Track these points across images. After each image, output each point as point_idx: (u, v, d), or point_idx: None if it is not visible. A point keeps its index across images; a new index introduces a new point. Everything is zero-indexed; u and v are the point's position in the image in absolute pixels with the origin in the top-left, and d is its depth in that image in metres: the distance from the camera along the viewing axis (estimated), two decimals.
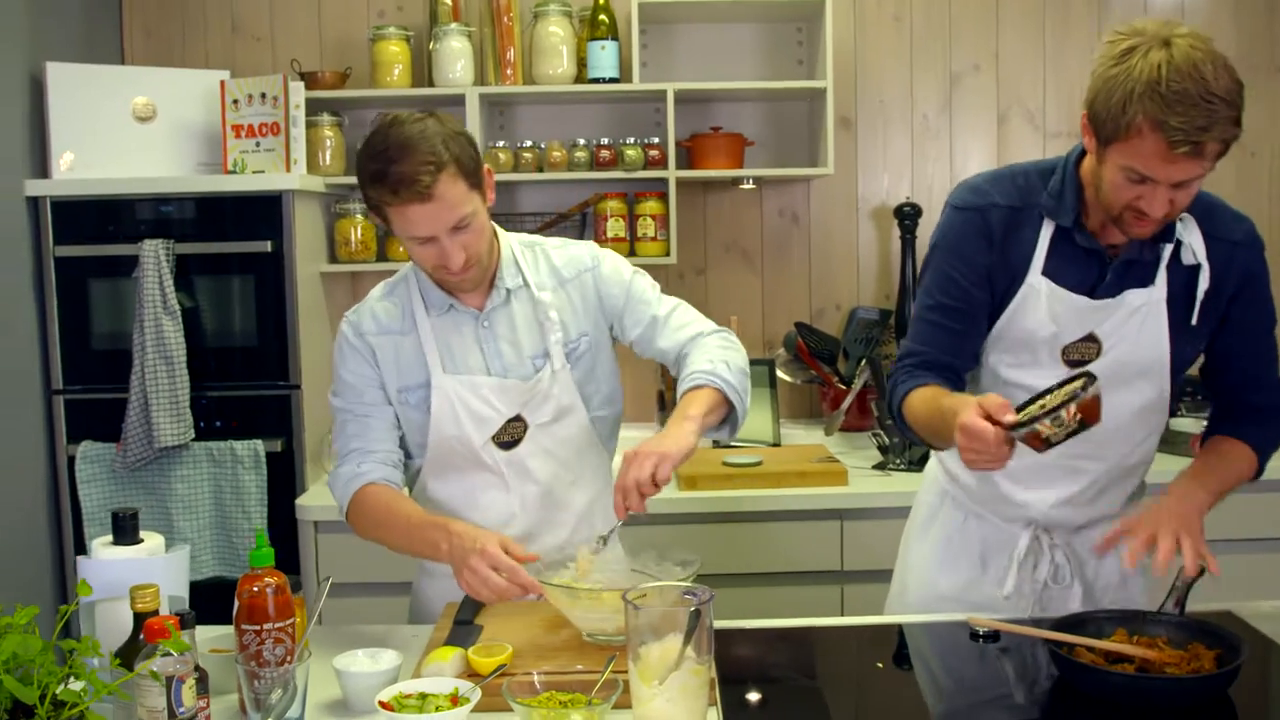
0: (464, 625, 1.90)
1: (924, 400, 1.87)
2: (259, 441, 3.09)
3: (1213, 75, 1.63)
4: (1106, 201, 1.79)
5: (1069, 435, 1.63)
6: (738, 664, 1.84)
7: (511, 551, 1.81)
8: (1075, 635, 1.75)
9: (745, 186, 3.60)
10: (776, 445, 3.42)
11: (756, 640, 1.97)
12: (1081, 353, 1.90)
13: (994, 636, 1.89)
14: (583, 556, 1.92)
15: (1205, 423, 2.09)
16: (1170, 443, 3.34)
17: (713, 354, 1.99)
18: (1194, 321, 1.89)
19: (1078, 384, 1.64)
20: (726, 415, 1.98)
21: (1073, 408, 1.61)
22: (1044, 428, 1.62)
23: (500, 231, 2.07)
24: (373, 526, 1.98)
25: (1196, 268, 1.87)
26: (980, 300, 1.92)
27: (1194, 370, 2.04)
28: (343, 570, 3.01)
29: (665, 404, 3.54)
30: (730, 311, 3.67)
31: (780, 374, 3.54)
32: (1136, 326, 1.88)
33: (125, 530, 1.62)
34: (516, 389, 2.00)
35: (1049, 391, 1.70)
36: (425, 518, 1.94)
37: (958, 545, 2.10)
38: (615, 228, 3.40)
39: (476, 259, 1.94)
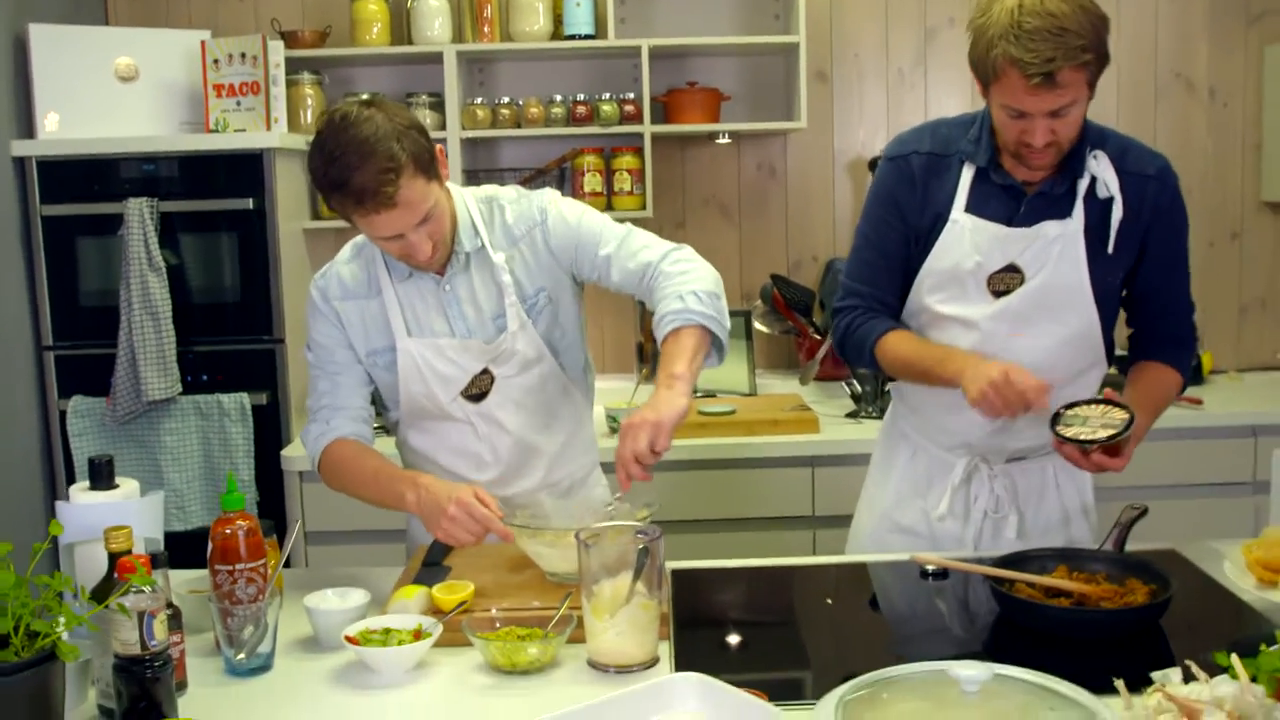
0: (432, 566, 1.98)
1: (911, 344, 2.05)
2: (244, 394, 3.17)
3: (1060, 10, 1.78)
4: (1002, 140, 1.94)
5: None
6: (694, 601, 1.93)
7: (486, 500, 1.88)
8: (1017, 572, 1.83)
9: (721, 141, 3.64)
10: (752, 395, 3.49)
11: (715, 579, 2.05)
12: (1006, 283, 2.02)
13: (942, 574, 1.97)
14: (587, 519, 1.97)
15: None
16: None
17: (678, 286, 1.97)
18: (1110, 251, 2.00)
19: (1119, 429, 1.88)
20: (711, 344, 1.98)
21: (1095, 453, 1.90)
22: (1071, 445, 1.90)
23: (455, 192, 2.06)
24: (343, 480, 2.07)
25: (1111, 201, 1.99)
26: (907, 240, 2.08)
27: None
28: (327, 519, 3.12)
29: (644, 355, 3.61)
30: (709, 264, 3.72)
31: (757, 325, 3.60)
32: (1055, 255, 1.99)
33: (101, 475, 1.70)
34: (479, 348, 2.05)
35: (1099, 403, 1.93)
36: (393, 471, 2.02)
37: (908, 478, 2.20)
38: (592, 182, 3.45)
39: (442, 242, 1.97)
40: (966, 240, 2.01)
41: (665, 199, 3.72)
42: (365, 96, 1.91)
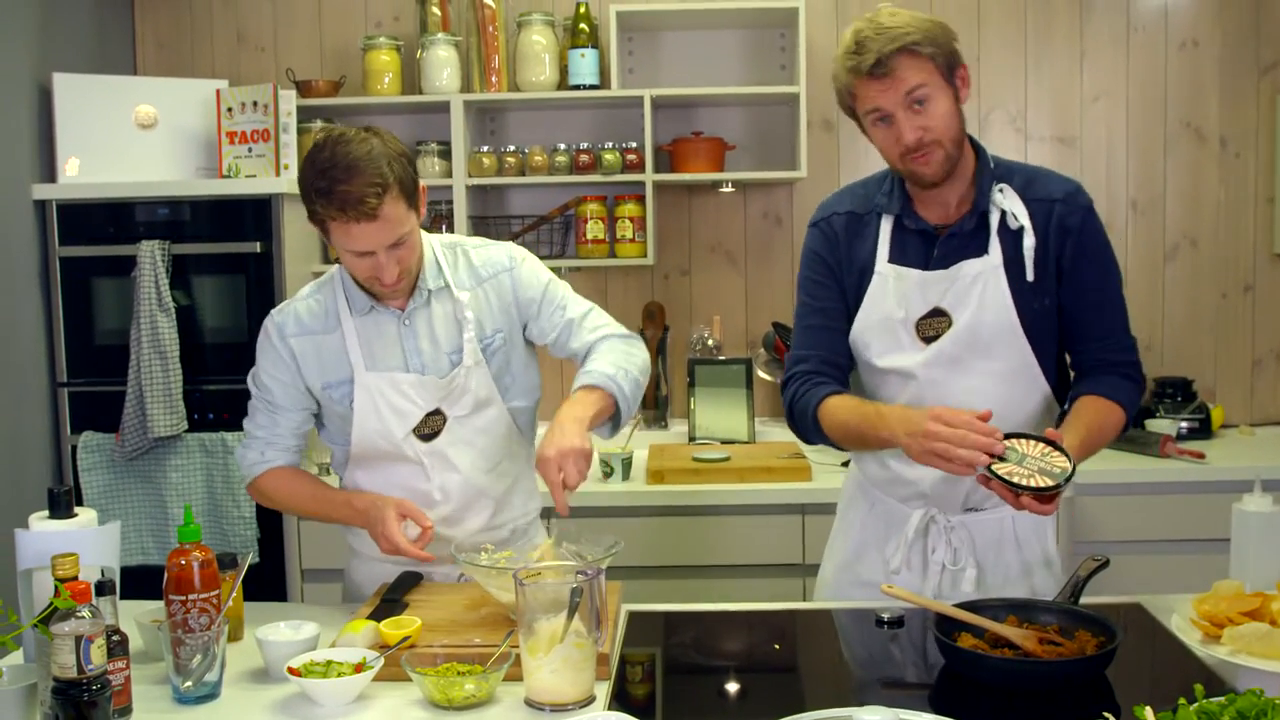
0: (390, 602, 2.02)
1: (847, 408, 2.03)
2: None
3: (889, 18, 1.93)
4: (889, 160, 2.00)
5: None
6: (649, 643, 1.95)
7: (412, 514, 2.03)
8: (973, 615, 1.81)
9: (726, 190, 3.68)
10: (750, 442, 3.50)
11: (675, 622, 2.07)
12: (934, 328, 2.03)
13: (898, 623, 1.97)
14: (545, 549, 2.03)
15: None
16: (1140, 443, 3.37)
17: (617, 358, 2.12)
18: (1031, 278, 2.00)
19: (1055, 480, 1.79)
20: (611, 416, 2.12)
21: (1026, 496, 1.79)
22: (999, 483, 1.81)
23: (425, 238, 2.15)
24: (277, 502, 2.23)
25: (1023, 230, 2.00)
26: (844, 297, 2.11)
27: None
28: (322, 556, 3.18)
29: (647, 402, 3.64)
30: (714, 311, 3.76)
31: (760, 373, 3.62)
32: (978, 294, 2.00)
33: (60, 505, 1.76)
34: (434, 384, 2.11)
35: (1040, 441, 1.85)
36: (325, 495, 2.18)
37: (868, 531, 2.20)
38: (595, 230, 3.50)
39: (408, 272, 2.05)
40: (891, 290, 2.04)
41: (671, 246, 3.77)
42: (366, 126, 2.01)
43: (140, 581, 2.43)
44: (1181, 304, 3.74)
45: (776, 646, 2.01)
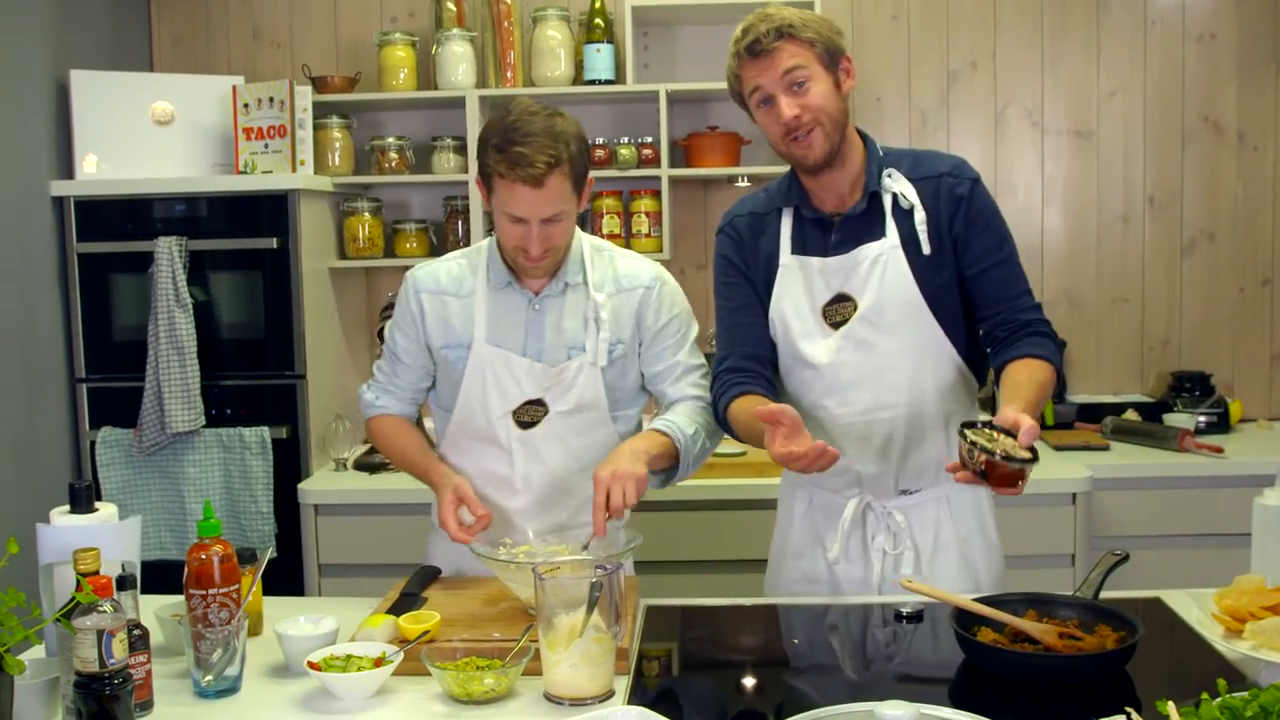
0: (409, 597, 2.03)
1: (742, 409, 2.06)
2: (266, 428, 3.26)
3: (775, 9, 2.02)
4: (774, 143, 2.05)
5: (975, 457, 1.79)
6: (667, 638, 1.95)
7: (467, 500, 2.05)
8: (997, 611, 1.81)
9: (741, 184, 3.68)
10: None
11: (693, 617, 2.07)
12: (841, 313, 2.07)
13: (917, 617, 1.96)
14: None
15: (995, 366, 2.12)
16: (1159, 438, 3.36)
17: (699, 421, 2.14)
18: (928, 251, 2.04)
19: (1029, 459, 1.76)
20: (667, 469, 2.12)
21: (991, 458, 1.76)
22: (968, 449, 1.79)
23: (578, 231, 2.19)
24: (380, 447, 2.32)
25: (914, 209, 2.05)
26: (757, 293, 2.15)
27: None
28: (340, 551, 3.19)
29: None
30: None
31: None
32: (879, 276, 2.04)
33: (80, 500, 1.77)
34: (544, 373, 2.13)
35: (1010, 435, 1.82)
36: (414, 458, 2.22)
37: (806, 527, 2.22)
38: (610, 224, 3.50)
39: (554, 252, 2.08)
40: (798, 279, 2.09)
41: (687, 240, 3.77)
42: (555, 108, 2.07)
43: (158, 576, 2.45)
44: (1199, 298, 3.72)
45: (795, 641, 2.01)
